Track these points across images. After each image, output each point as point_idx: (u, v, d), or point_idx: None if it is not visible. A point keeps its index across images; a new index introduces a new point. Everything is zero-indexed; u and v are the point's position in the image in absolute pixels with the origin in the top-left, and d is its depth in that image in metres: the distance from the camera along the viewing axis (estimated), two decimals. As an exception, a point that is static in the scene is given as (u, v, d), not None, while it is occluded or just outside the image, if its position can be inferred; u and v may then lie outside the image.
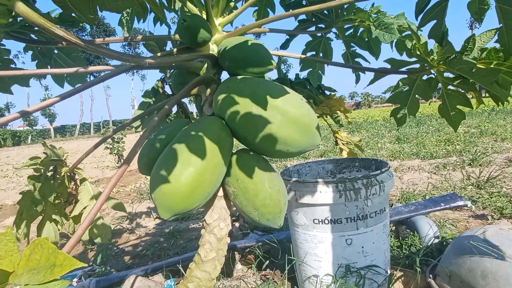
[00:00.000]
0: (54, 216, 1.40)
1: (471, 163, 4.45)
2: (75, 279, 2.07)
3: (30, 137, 41.64)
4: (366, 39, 1.75)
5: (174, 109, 1.73)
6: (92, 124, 55.18)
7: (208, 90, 1.26)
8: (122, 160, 7.84)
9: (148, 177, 1.27)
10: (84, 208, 1.40)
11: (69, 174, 1.46)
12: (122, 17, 1.81)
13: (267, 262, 1.90)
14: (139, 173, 5.25)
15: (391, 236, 2.17)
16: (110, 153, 7.82)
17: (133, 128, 1.75)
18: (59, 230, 1.41)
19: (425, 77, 1.54)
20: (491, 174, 3.50)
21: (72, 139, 38.71)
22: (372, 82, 1.54)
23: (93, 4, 1.03)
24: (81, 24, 1.49)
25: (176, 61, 1.24)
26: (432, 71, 1.48)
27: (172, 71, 1.72)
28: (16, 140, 36.83)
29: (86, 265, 0.73)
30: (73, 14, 1.07)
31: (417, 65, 1.50)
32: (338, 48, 1.79)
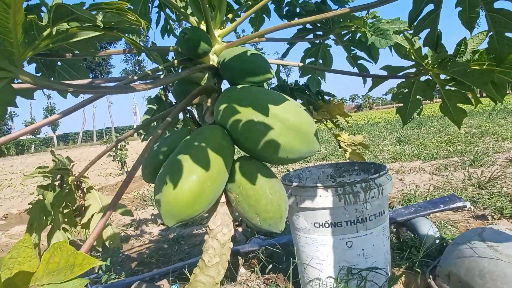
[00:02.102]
0: (63, 225, 1.44)
1: (472, 164, 4.47)
2: (82, 286, 2.09)
3: (33, 146, 41.86)
4: (365, 41, 1.78)
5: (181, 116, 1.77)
6: (95, 132, 55.30)
7: (209, 100, 1.29)
8: (125, 167, 7.90)
9: (152, 185, 1.31)
10: (92, 215, 1.44)
11: (75, 183, 1.50)
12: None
13: (270, 266, 1.93)
14: (142, 180, 5.30)
15: (392, 238, 2.19)
16: (113, 160, 7.84)
17: (136, 134, 1.78)
18: (69, 238, 1.45)
19: (422, 78, 1.57)
20: (492, 174, 3.52)
21: (75, 147, 38.84)
22: (371, 89, 1.58)
23: (91, 42, 1.09)
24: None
25: (177, 79, 1.28)
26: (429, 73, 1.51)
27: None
28: (20, 149, 37.03)
29: (104, 263, 0.76)
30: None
31: (413, 69, 1.53)
32: (338, 53, 1.82)
